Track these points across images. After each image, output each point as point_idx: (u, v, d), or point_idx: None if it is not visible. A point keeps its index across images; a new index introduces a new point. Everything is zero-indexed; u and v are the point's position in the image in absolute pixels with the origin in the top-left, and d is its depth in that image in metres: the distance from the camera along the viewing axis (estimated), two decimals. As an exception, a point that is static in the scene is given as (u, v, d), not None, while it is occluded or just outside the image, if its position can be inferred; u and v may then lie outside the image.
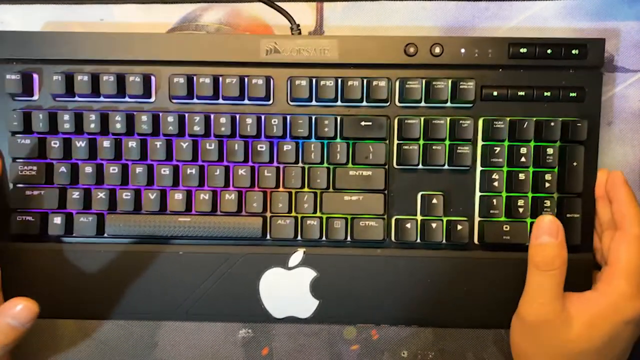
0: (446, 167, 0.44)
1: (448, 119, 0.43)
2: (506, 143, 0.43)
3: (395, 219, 0.44)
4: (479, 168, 0.44)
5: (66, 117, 0.43)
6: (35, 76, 0.44)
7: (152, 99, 0.44)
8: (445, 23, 0.48)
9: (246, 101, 0.44)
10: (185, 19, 0.49)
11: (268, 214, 0.44)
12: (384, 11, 0.48)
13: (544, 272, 0.37)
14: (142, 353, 0.47)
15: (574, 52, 0.43)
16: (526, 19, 0.48)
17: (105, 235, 0.44)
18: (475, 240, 0.44)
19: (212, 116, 0.43)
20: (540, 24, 0.48)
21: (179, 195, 0.44)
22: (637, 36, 0.47)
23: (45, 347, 0.47)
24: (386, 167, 0.44)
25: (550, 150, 0.43)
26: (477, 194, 0.44)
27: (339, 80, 0.43)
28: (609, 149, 0.47)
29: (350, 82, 0.43)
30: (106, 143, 0.43)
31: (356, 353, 0.47)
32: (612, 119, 0.47)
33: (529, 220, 0.43)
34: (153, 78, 0.44)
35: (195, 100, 0.44)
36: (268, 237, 0.44)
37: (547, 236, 0.37)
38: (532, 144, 0.43)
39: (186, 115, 0.43)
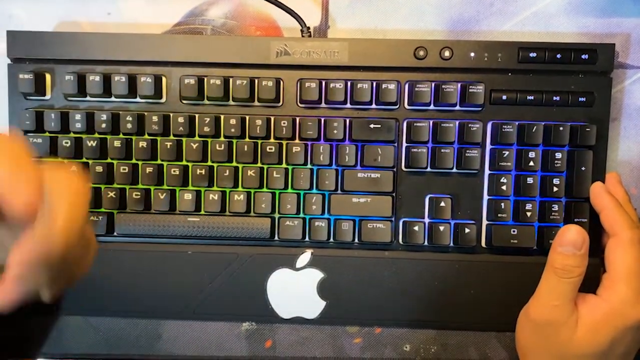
0: (454, 170, 0.44)
1: (457, 122, 0.43)
2: (515, 147, 0.43)
3: (403, 222, 0.44)
4: (487, 171, 0.44)
5: (78, 116, 0.43)
6: (48, 76, 0.44)
7: (163, 100, 0.44)
8: (450, 18, 0.48)
9: (256, 103, 0.44)
10: (191, 13, 0.49)
11: (276, 215, 0.44)
12: (388, 5, 0.48)
13: (562, 278, 0.38)
14: (146, 344, 0.47)
15: (583, 57, 0.43)
16: (531, 15, 0.48)
17: (115, 234, 0.45)
18: (483, 244, 0.44)
19: (222, 117, 0.44)
20: (546, 20, 0.48)
21: (188, 195, 0.44)
22: (641, 32, 0.47)
23: (50, 336, 0.47)
24: (394, 169, 0.44)
25: (558, 155, 0.43)
26: (485, 197, 0.44)
27: (349, 83, 0.43)
28: (613, 145, 0.47)
29: (359, 85, 0.43)
30: (117, 143, 0.44)
31: (359, 346, 0.47)
32: (616, 116, 0.47)
33: (536, 224, 0.43)
34: (164, 79, 0.44)
35: (205, 101, 0.44)
36: (276, 237, 0.44)
37: (571, 247, 0.37)
38: (540, 148, 0.43)
39: (196, 116, 0.44)
